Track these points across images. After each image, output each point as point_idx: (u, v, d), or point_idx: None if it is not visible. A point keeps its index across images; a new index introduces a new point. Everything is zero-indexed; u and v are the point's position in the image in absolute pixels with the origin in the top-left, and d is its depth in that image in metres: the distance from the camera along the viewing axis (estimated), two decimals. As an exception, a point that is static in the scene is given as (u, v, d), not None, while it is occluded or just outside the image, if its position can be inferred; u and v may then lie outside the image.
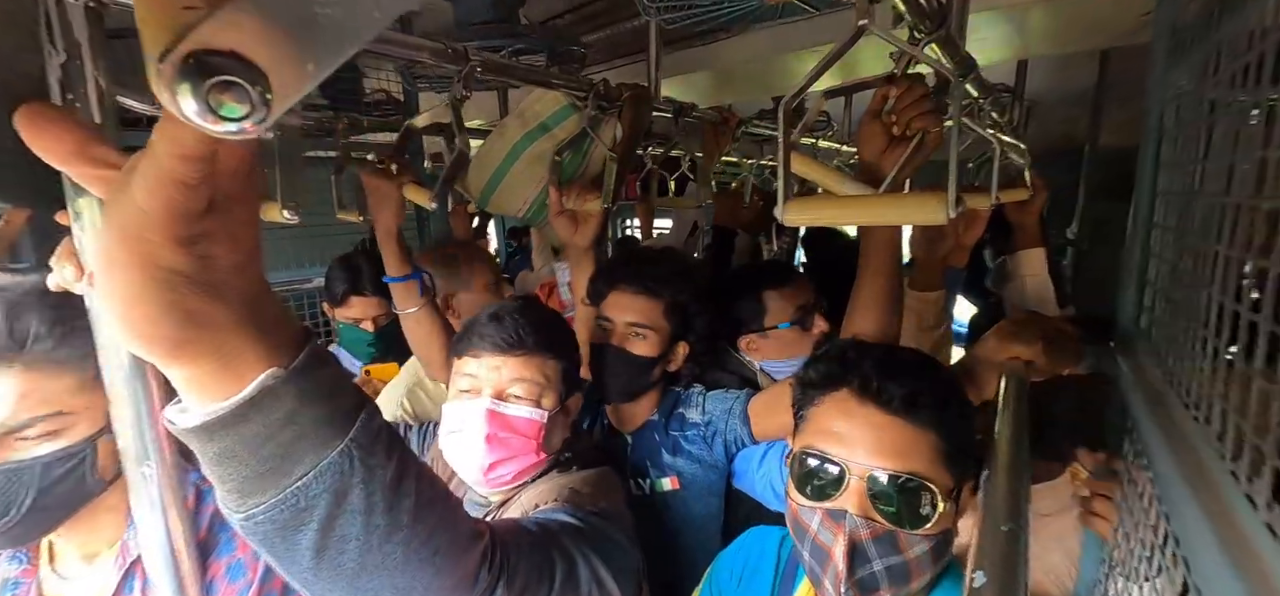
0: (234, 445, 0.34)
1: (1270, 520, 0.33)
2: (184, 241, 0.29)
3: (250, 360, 0.34)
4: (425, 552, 0.44)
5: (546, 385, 0.81)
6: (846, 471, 0.60)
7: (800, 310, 1.22)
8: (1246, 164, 0.42)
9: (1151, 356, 0.61)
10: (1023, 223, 1.40)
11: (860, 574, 0.59)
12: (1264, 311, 0.34)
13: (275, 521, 0.36)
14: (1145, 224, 0.65)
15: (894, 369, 0.61)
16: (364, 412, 0.39)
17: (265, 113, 0.22)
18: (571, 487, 0.78)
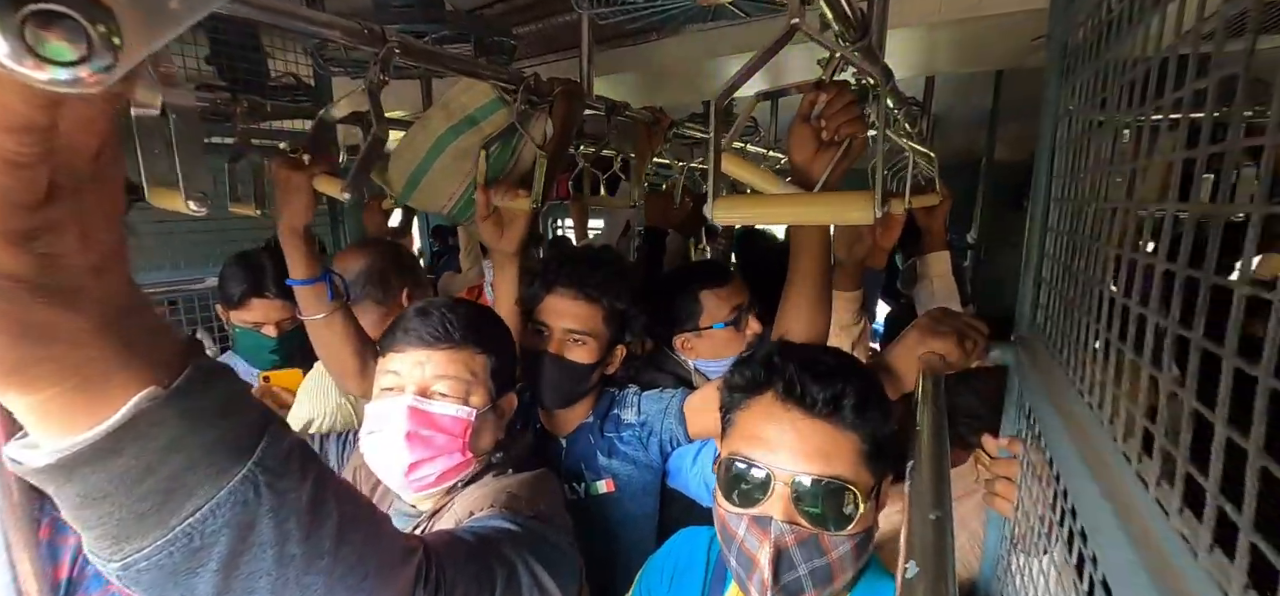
0: (103, 484, 0.28)
1: (1158, 495, 0.36)
2: (18, 237, 0.23)
3: (119, 381, 0.28)
4: (352, 579, 0.39)
5: (474, 381, 0.77)
6: (772, 477, 0.61)
7: (735, 310, 1.24)
8: (1119, 176, 0.47)
9: (1046, 349, 0.66)
10: (930, 227, 1.52)
11: (785, 579, 0.60)
12: (1150, 305, 0.38)
13: (164, 568, 0.31)
14: (1041, 228, 0.71)
15: (817, 372, 0.62)
16: (269, 431, 0.34)
17: (110, 58, 0.18)
18: (508, 492, 0.74)
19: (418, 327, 0.76)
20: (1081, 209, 0.57)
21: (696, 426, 1.00)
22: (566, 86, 1.13)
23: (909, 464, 0.48)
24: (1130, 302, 0.41)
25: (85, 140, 0.24)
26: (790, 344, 0.70)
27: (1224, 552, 0.29)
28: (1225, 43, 0.31)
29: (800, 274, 0.80)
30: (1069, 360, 0.57)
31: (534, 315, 1.04)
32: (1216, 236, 0.30)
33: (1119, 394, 0.43)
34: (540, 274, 1.05)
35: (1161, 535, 0.34)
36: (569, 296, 1.01)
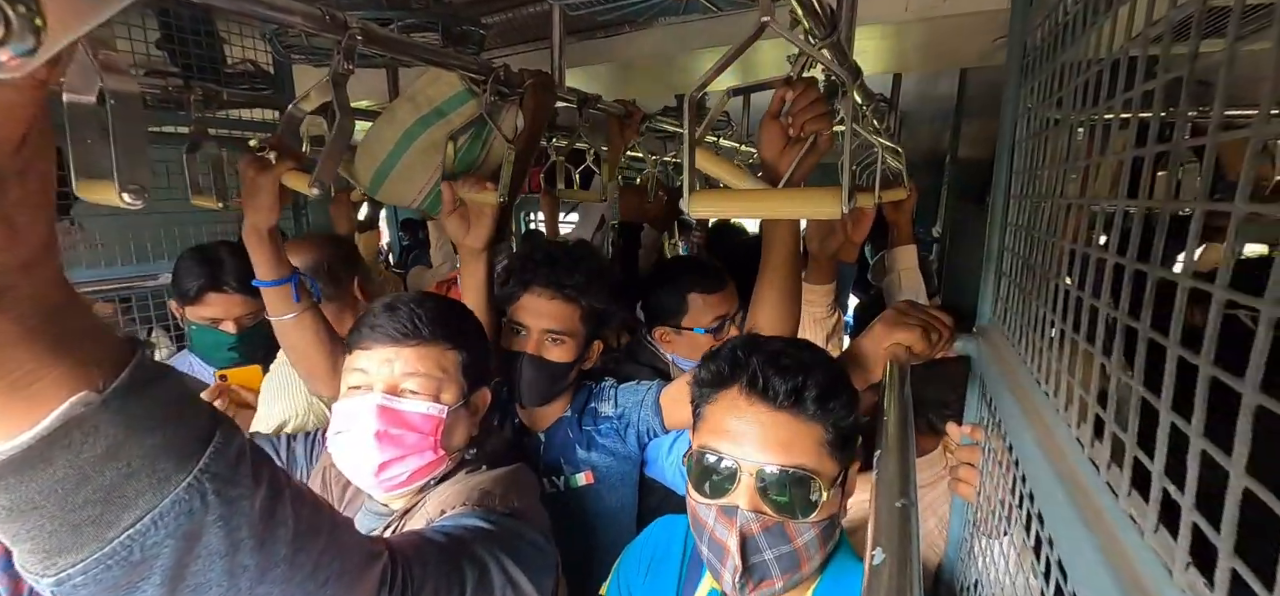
0: (32, 495, 0.27)
1: (1109, 478, 0.37)
2: None
3: (49, 383, 0.26)
4: (311, 587, 0.38)
5: (445, 378, 0.75)
6: (738, 468, 0.63)
7: (718, 319, 1.26)
8: (1074, 173, 0.49)
9: (1006, 339, 0.69)
10: (898, 222, 1.55)
11: (752, 561, 0.62)
12: (1100, 296, 0.39)
13: (102, 583, 0.29)
14: (1001, 223, 0.73)
15: (780, 365, 0.64)
16: (218, 435, 0.32)
17: (32, 41, 0.16)
18: (481, 489, 0.73)
19: (385, 324, 0.74)
20: (1038, 204, 0.59)
21: (672, 417, 1.01)
22: (537, 78, 1.11)
23: (877, 452, 0.49)
24: (1082, 294, 0.43)
25: (7, 129, 0.23)
26: (757, 338, 0.71)
27: (1168, 532, 0.31)
28: (1172, 46, 0.33)
29: (771, 267, 0.81)
30: (1026, 349, 0.60)
31: (511, 314, 1.02)
32: (1162, 230, 0.32)
33: (1072, 381, 0.45)
34: (516, 271, 1.03)
35: (1112, 516, 0.36)
36: (547, 296, 1.00)
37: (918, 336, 0.75)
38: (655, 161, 1.94)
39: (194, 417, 0.32)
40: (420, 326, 0.74)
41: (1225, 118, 0.27)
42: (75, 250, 1.68)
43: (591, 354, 1.08)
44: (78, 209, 1.73)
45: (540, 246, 1.06)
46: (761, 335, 0.74)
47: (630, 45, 1.50)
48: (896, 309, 0.80)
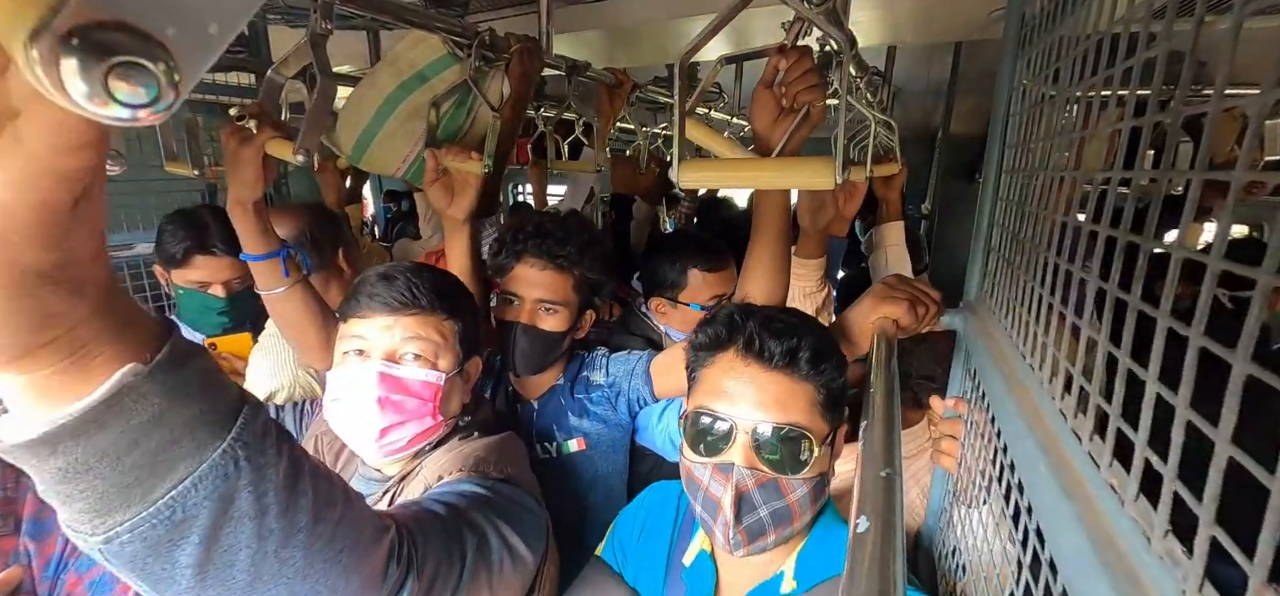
0: (86, 457, 0.29)
1: (1090, 449, 0.38)
2: (53, 241, 0.25)
3: (105, 357, 0.29)
4: (329, 553, 0.39)
5: (443, 345, 0.77)
6: (734, 426, 0.65)
7: (716, 299, 1.26)
8: (1068, 148, 0.48)
9: (992, 313, 0.69)
10: (887, 198, 1.55)
11: (747, 521, 0.64)
12: (1090, 269, 0.39)
13: (146, 540, 0.31)
14: (991, 198, 0.73)
15: (775, 328, 0.66)
16: (247, 407, 0.35)
17: (173, 96, 0.19)
18: (476, 456, 0.75)
19: (383, 293, 0.75)
20: (1030, 179, 0.59)
21: (662, 385, 1.02)
22: (524, 44, 1.08)
23: (863, 423, 0.49)
24: (1072, 267, 0.43)
25: (99, 151, 0.25)
26: (751, 304, 0.73)
27: (1149, 501, 0.31)
28: (1175, 21, 0.32)
29: (762, 238, 0.81)
30: (1012, 323, 0.60)
31: (504, 284, 1.02)
32: (1157, 203, 0.31)
33: (1058, 354, 0.45)
34: (509, 242, 1.03)
35: (1092, 486, 0.37)
36: (540, 266, 1.00)
37: (905, 310, 0.76)
38: (646, 133, 1.90)
39: (225, 391, 0.34)
40: (418, 295, 0.75)
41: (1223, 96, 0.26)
42: None
43: (584, 324, 1.08)
44: None
45: (533, 216, 1.05)
46: (755, 303, 0.75)
47: (620, 11, 1.46)
48: (885, 283, 0.80)
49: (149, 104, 0.19)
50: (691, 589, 0.73)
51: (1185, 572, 0.27)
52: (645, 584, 0.79)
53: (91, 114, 0.19)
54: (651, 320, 1.33)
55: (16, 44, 0.18)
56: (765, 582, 0.70)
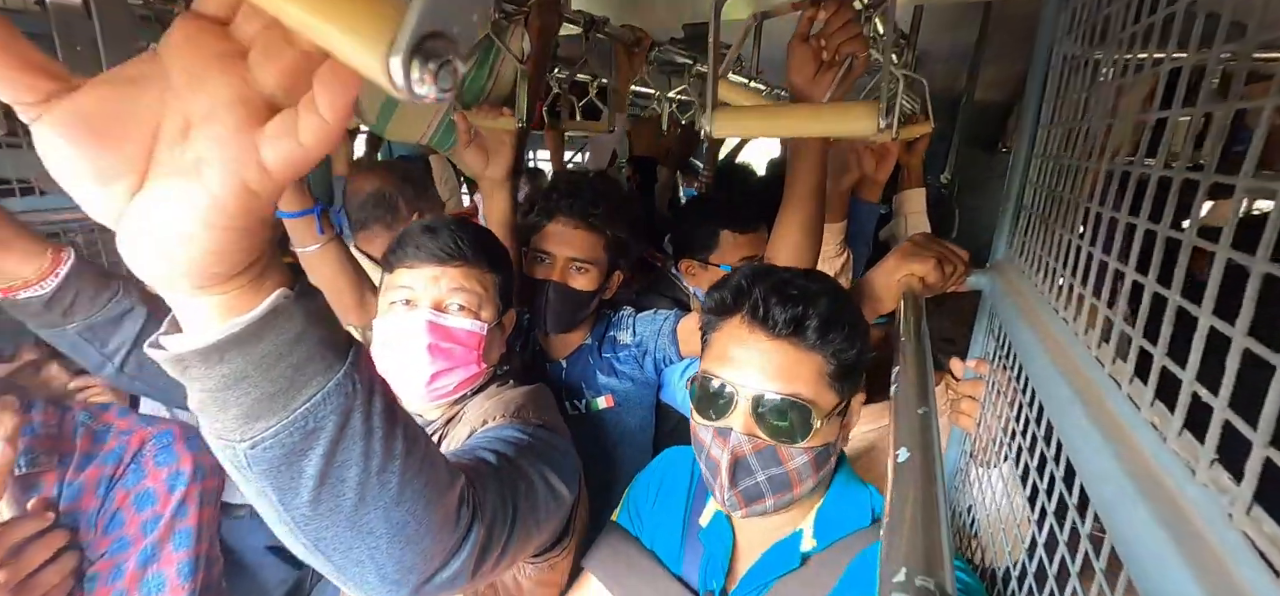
0: (246, 365, 0.34)
1: (1131, 392, 0.38)
2: (273, 200, 0.31)
3: (273, 282, 0.35)
4: (418, 484, 0.43)
5: (485, 297, 0.80)
6: (734, 393, 0.64)
7: (744, 261, 1.25)
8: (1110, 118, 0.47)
9: (1022, 272, 0.69)
10: (909, 164, 1.53)
11: (743, 485, 0.64)
12: (1140, 216, 0.39)
13: (284, 445, 0.36)
14: (1026, 156, 0.72)
15: (782, 295, 0.64)
16: (354, 343, 0.39)
17: (454, 79, 0.25)
18: (516, 403, 0.78)
19: (429, 245, 0.78)
20: (1070, 132, 0.58)
21: (688, 346, 1.03)
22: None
23: (895, 369, 0.50)
24: (1117, 214, 0.43)
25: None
26: (765, 267, 0.71)
27: (1194, 435, 0.32)
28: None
29: (795, 195, 0.80)
30: (1044, 279, 0.60)
31: (535, 243, 1.04)
32: (1221, 137, 0.31)
33: (1097, 304, 0.45)
34: (540, 201, 1.04)
35: (1131, 426, 0.37)
36: (572, 225, 1.01)
37: (932, 267, 0.75)
38: (661, 98, 1.87)
39: (339, 325, 0.39)
40: (463, 247, 0.78)
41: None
42: None
43: (612, 284, 1.09)
44: None
45: (566, 177, 1.07)
46: (770, 264, 0.74)
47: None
48: (913, 240, 0.79)
49: (450, 89, 0.24)
50: (709, 549, 0.74)
51: (1232, 497, 0.28)
52: (662, 546, 0.80)
53: (424, 101, 0.24)
54: (681, 281, 1.34)
55: (376, 58, 0.23)
56: (783, 541, 0.70)
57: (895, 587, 0.26)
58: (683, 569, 0.76)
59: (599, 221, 1.02)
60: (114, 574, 0.64)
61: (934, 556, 0.28)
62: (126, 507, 0.64)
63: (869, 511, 0.69)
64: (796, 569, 0.67)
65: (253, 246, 0.32)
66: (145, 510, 0.65)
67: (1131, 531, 0.32)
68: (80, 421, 0.64)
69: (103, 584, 0.63)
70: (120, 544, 0.64)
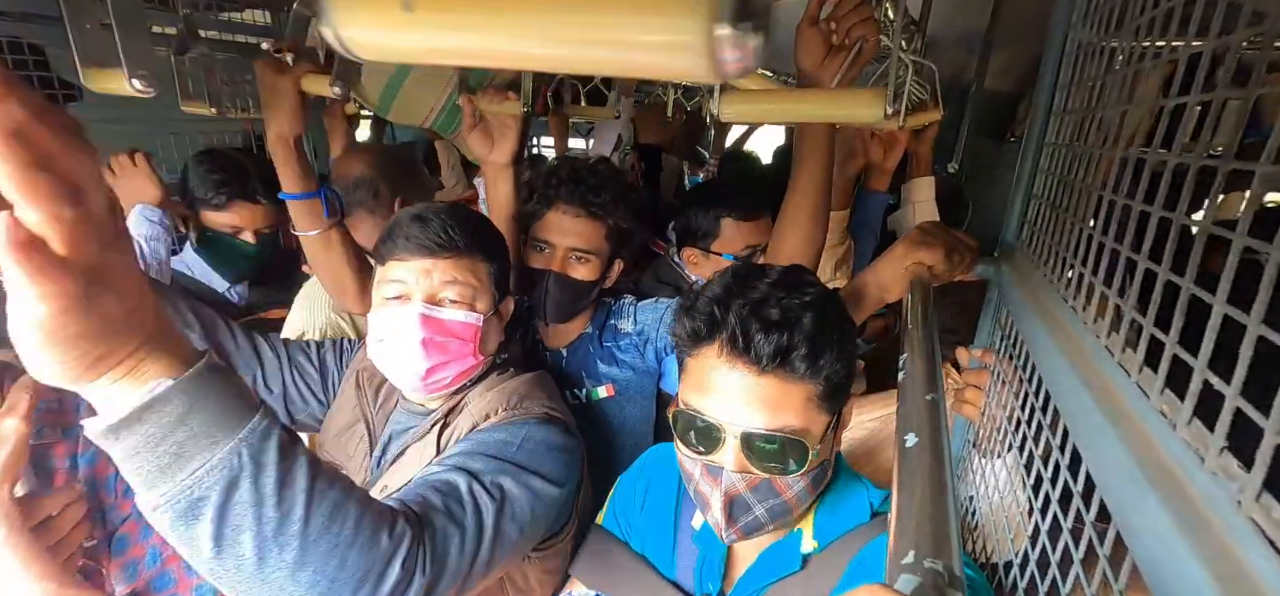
0: (134, 444, 0.40)
1: (1140, 380, 0.38)
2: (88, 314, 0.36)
3: (153, 372, 0.40)
4: (325, 545, 0.47)
5: (479, 287, 0.79)
6: (722, 430, 0.59)
7: (748, 250, 1.25)
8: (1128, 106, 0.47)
9: (1031, 260, 0.68)
10: (918, 152, 1.51)
11: (742, 522, 0.61)
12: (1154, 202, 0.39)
13: (176, 509, 0.41)
14: (1037, 143, 0.71)
15: (763, 321, 0.57)
16: (258, 416, 0.44)
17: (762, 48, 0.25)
18: (519, 394, 0.77)
19: (419, 235, 0.75)
20: (1084, 120, 0.57)
21: None
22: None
23: (902, 357, 0.50)
24: (1130, 201, 0.42)
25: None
26: (740, 278, 0.63)
27: (1203, 423, 0.32)
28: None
29: (802, 183, 0.79)
30: (1053, 267, 0.60)
31: (535, 231, 1.01)
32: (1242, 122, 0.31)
33: (1107, 292, 0.45)
34: (540, 188, 1.01)
35: (1140, 414, 0.37)
36: (573, 213, 0.99)
37: (942, 256, 0.74)
38: (668, 84, 1.85)
39: (241, 400, 0.44)
40: (454, 237, 0.76)
41: None
42: None
43: (613, 273, 1.07)
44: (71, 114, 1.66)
45: (566, 163, 1.04)
46: (745, 269, 0.65)
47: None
48: (921, 228, 0.79)
49: (758, 54, 0.25)
50: (703, 551, 0.71)
51: (1242, 484, 0.28)
52: (653, 549, 0.77)
53: (728, 68, 0.24)
54: (683, 270, 1.33)
55: (700, 24, 0.23)
56: (782, 542, 0.68)
57: (903, 569, 0.27)
58: (676, 572, 0.74)
59: (600, 210, 0.99)
60: (143, 532, 0.65)
61: (942, 539, 0.28)
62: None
63: (867, 507, 0.68)
64: (797, 571, 0.65)
65: (94, 349, 0.37)
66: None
67: (1139, 518, 0.32)
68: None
69: (134, 542, 0.65)
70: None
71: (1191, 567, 0.27)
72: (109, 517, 0.66)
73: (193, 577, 0.71)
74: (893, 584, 0.27)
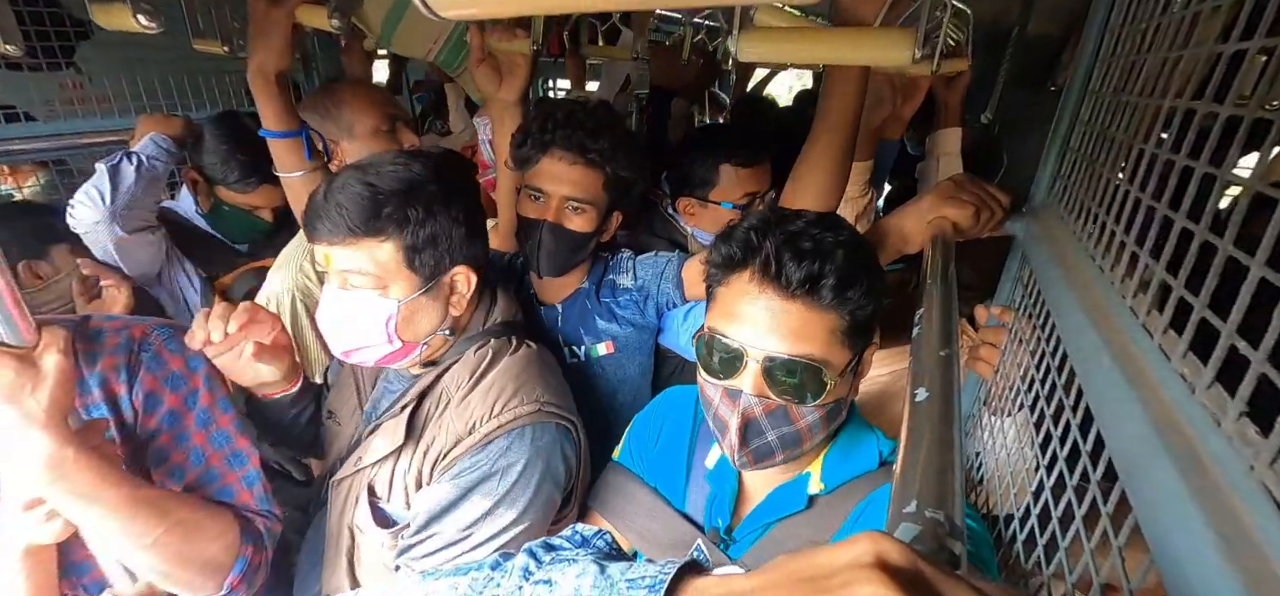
0: None
1: (1163, 343, 0.37)
2: None
3: None
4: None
5: (390, 269, 0.71)
6: (744, 354, 0.61)
7: (748, 197, 1.19)
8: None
9: (1061, 218, 0.66)
10: (948, 101, 1.44)
11: (754, 445, 0.63)
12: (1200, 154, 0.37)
13: None
14: (1078, 95, 0.68)
15: (796, 250, 0.59)
16: None
17: None
18: (506, 391, 0.75)
19: (314, 224, 0.70)
20: (1132, 67, 0.53)
21: (694, 291, 0.98)
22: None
23: (919, 312, 0.49)
24: (1175, 157, 0.40)
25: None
26: (777, 216, 0.65)
27: (1224, 388, 0.31)
28: None
29: (826, 128, 0.75)
30: (1085, 224, 0.57)
31: (528, 179, 0.95)
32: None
33: (1137, 250, 0.43)
34: (533, 133, 0.93)
35: (1159, 376, 0.36)
36: (568, 160, 0.92)
37: (969, 212, 0.72)
38: (686, 22, 1.77)
39: None
40: (348, 222, 0.68)
41: None
42: (87, 103, 1.63)
43: (610, 225, 1.01)
44: (83, 53, 1.65)
45: (562, 106, 0.94)
46: (783, 209, 0.68)
47: None
48: (952, 181, 0.75)
49: None
50: (715, 488, 0.74)
51: (1257, 450, 0.27)
52: (666, 485, 0.79)
53: None
54: (678, 221, 1.28)
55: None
56: (790, 482, 0.70)
57: (905, 517, 0.27)
58: (687, 507, 0.77)
59: (599, 157, 0.92)
60: (179, 438, 0.68)
61: (945, 491, 0.28)
62: (160, 389, 0.67)
63: (877, 455, 0.69)
64: (803, 510, 0.68)
65: None
66: (180, 389, 0.69)
67: (1147, 478, 0.32)
68: (67, 329, 0.64)
69: (174, 450, 0.68)
70: (170, 417, 0.68)
71: (1196, 528, 0.28)
72: (137, 436, 0.70)
73: None
74: (893, 531, 0.27)
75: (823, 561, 0.23)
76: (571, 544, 0.34)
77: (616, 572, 0.28)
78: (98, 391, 0.64)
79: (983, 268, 1.08)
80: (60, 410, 0.54)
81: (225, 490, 0.70)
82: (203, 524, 0.64)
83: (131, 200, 1.16)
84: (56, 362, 0.54)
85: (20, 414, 0.51)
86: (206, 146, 1.27)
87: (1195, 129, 0.39)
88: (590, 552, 0.32)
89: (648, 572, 0.26)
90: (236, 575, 0.66)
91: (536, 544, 0.34)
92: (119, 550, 0.61)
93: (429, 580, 0.36)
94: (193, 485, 0.68)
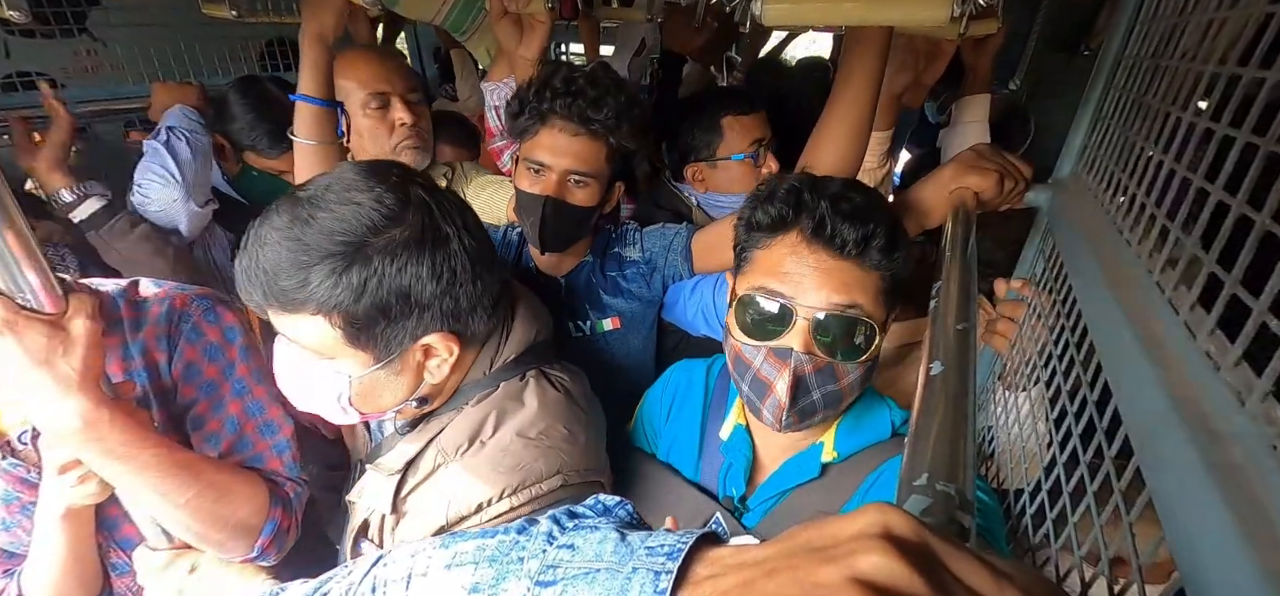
0: None
1: (1189, 319, 0.36)
2: None
3: None
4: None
5: (326, 348, 0.58)
6: (794, 312, 0.61)
7: (754, 144, 1.17)
8: None
9: (1088, 189, 0.64)
10: (975, 66, 1.38)
11: (801, 404, 0.63)
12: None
13: None
14: (1116, 56, 0.65)
15: (847, 211, 0.60)
16: None
17: None
18: (512, 455, 0.62)
19: (245, 289, 0.57)
20: (1174, 28, 0.51)
21: (706, 263, 0.96)
22: None
23: (936, 285, 0.48)
24: (1216, 126, 0.38)
25: None
26: (816, 178, 0.65)
27: (1252, 368, 0.30)
28: None
29: (848, 91, 0.73)
30: (1113, 195, 0.56)
31: (526, 150, 0.90)
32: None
33: (1169, 225, 0.42)
34: (532, 100, 0.88)
35: (1181, 353, 0.36)
36: (570, 131, 0.87)
37: (992, 184, 0.70)
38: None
39: None
40: (263, 288, 0.55)
41: None
42: (101, 68, 1.64)
43: (613, 196, 0.97)
44: (94, 19, 1.64)
45: (561, 71, 0.88)
46: (816, 175, 0.68)
47: None
48: (975, 150, 0.73)
49: None
50: (730, 458, 0.74)
51: None
52: (678, 458, 0.79)
53: None
54: (681, 192, 1.26)
55: None
56: (804, 452, 0.70)
57: (915, 490, 0.27)
58: (701, 477, 0.76)
59: (601, 127, 0.86)
60: (215, 406, 0.70)
61: (956, 464, 0.28)
62: (199, 360, 0.69)
63: (889, 425, 0.70)
64: (816, 478, 0.68)
65: None
66: (218, 360, 0.71)
67: (1164, 454, 0.32)
68: (115, 297, 0.67)
69: (211, 418, 0.70)
70: (208, 387, 0.70)
71: (1213, 507, 0.27)
72: (175, 403, 0.72)
73: None
74: (903, 503, 0.28)
75: (830, 532, 0.23)
76: (594, 512, 0.35)
77: (636, 540, 0.28)
78: (139, 359, 0.66)
79: (1008, 239, 1.05)
80: (93, 373, 0.55)
81: (257, 457, 0.72)
82: (233, 486, 0.66)
83: (196, 174, 1.19)
84: (85, 326, 0.55)
85: (54, 378, 0.53)
86: (232, 113, 1.27)
87: (1239, 95, 0.37)
88: (612, 521, 0.33)
89: (666, 541, 0.27)
90: (267, 537, 0.68)
91: (561, 510, 0.35)
92: (153, 509, 0.63)
93: (457, 541, 0.37)
94: (227, 452, 0.71)
